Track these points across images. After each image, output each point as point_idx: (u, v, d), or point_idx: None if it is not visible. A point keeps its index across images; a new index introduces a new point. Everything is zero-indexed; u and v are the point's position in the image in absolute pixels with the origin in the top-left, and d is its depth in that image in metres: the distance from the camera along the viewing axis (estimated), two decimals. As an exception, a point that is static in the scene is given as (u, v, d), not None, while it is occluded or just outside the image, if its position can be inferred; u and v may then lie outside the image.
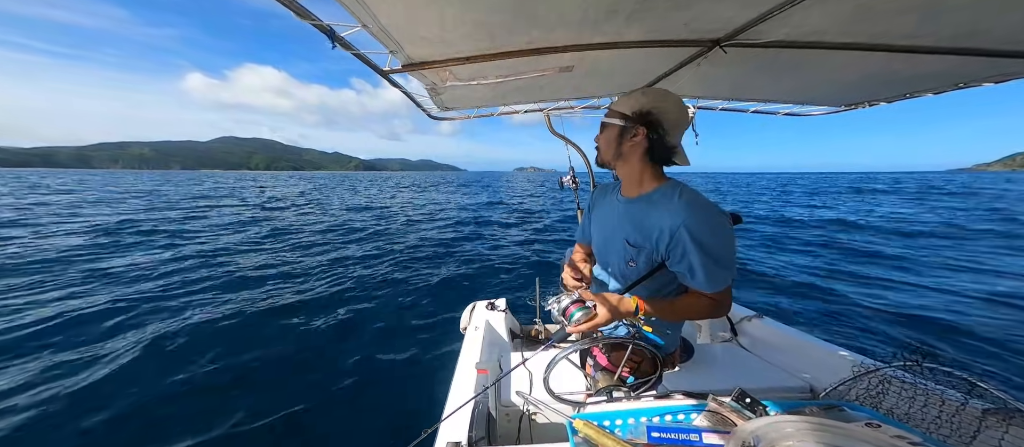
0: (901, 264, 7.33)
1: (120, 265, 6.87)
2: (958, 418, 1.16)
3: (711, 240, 0.97)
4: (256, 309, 4.81)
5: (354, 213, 16.65)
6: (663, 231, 1.00)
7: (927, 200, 22.45)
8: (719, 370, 1.78)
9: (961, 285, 5.90)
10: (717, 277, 0.97)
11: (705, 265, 0.96)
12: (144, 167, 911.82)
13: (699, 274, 0.97)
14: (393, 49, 1.26)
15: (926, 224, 12.44)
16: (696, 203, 1.01)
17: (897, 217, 14.39)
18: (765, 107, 2.21)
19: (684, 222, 0.97)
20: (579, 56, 1.44)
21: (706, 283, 0.98)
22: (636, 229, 1.08)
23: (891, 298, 5.39)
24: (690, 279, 1.01)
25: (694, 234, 0.96)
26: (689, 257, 0.97)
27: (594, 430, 0.83)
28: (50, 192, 27.61)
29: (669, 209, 1.01)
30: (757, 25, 1.17)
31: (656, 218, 1.03)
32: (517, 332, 2.60)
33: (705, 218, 0.98)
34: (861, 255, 8.18)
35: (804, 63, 1.53)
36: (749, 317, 2.22)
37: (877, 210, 16.97)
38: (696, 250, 0.96)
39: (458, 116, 2.22)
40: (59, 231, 10.31)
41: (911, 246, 9.06)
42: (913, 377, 1.30)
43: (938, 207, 18.17)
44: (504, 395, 1.57)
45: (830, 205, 19.83)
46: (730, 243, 1.00)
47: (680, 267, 1.01)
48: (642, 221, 1.07)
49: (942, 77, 1.59)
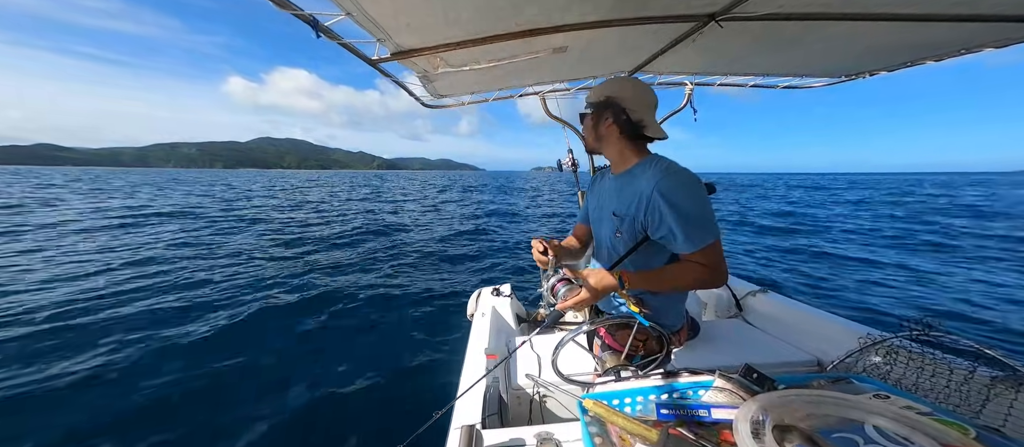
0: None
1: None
2: (967, 387, 1.15)
3: (683, 199, 1.01)
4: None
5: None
6: (641, 197, 1.07)
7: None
8: (726, 346, 1.77)
9: None
10: (695, 235, 1.00)
11: (681, 224, 1.00)
12: (192, 166, 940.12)
13: (679, 234, 1.01)
14: (381, 38, 1.22)
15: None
16: (669, 169, 1.07)
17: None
18: (764, 81, 2.17)
19: (656, 185, 1.03)
20: (572, 36, 1.41)
21: (686, 243, 1.01)
22: (619, 200, 1.15)
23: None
24: (673, 243, 1.04)
25: (666, 195, 1.01)
26: (666, 219, 1.02)
27: (604, 409, 0.83)
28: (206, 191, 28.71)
29: (645, 178, 1.09)
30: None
31: (635, 187, 1.10)
32: (523, 317, 2.61)
33: (676, 180, 1.04)
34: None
35: (803, 35, 1.50)
36: (754, 292, 2.22)
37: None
38: (670, 210, 1.01)
39: (453, 103, 2.19)
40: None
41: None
42: (921, 347, 1.29)
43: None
44: (514, 378, 1.58)
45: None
46: (703, 201, 1.04)
47: (661, 232, 1.05)
48: (625, 194, 1.14)
49: (944, 44, 1.56)
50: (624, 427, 0.78)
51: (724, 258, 1.04)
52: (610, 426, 0.79)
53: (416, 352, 3.67)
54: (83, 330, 4.02)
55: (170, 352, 3.59)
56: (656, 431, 0.75)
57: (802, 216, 15.03)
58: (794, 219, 14.14)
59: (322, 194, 27.71)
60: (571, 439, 0.89)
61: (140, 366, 3.36)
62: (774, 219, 14.08)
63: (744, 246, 9.10)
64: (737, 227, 12.17)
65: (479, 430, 0.89)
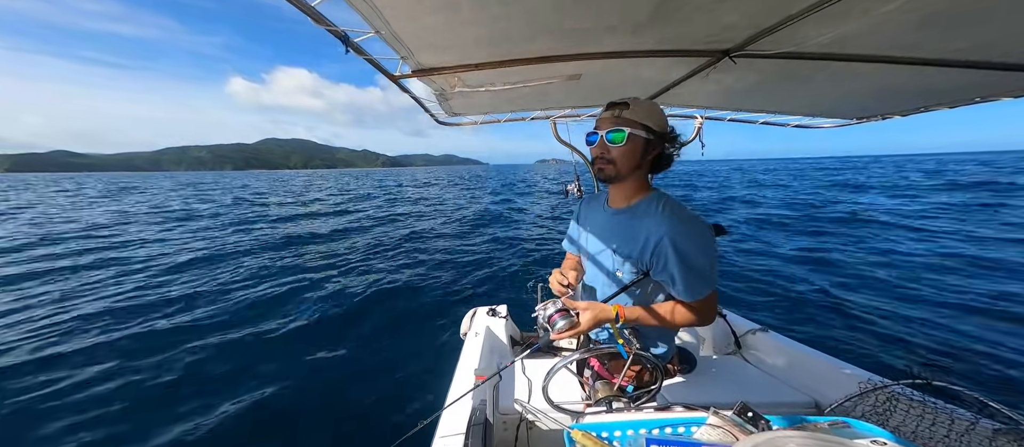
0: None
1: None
2: (968, 438, 1.13)
3: (692, 250, 1.01)
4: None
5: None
6: (648, 241, 1.05)
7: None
8: (722, 383, 1.75)
9: None
10: (695, 287, 1.01)
11: (685, 275, 1.01)
12: (202, 168, 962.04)
13: (679, 283, 1.02)
14: (404, 55, 1.27)
15: None
16: (679, 215, 1.05)
17: None
18: (774, 118, 2.20)
19: (667, 232, 1.02)
20: (587, 65, 1.45)
21: (685, 292, 1.02)
22: (622, 240, 1.13)
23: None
24: (672, 287, 1.05)
25: (676, 245, 1.01)
26: (670, 267, 1.02)
27: (592, 441, 0.82)
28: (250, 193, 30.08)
29: (653, 220, 1.07)
30: (768, 36, 1.16)
31: (641, 229, 1.08)
32: (518, 339, 2.59)
33: (687, 229, 1.03)
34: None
35: (815, 75, 1.52)
36: (754, 330, 2.19)
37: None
38: (677, 260, 1.00)
39: (466, 122, 2.24)
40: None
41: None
42: (922, 395, 1.28)
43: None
44: (503, 402, 1.55)
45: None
46: (710, 253, 1.04)
47: (662, 276, 1.06)
48: (628, 232, 1.12)
49: (958, 91, 1.57)
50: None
51: (717, 305, 1.07)
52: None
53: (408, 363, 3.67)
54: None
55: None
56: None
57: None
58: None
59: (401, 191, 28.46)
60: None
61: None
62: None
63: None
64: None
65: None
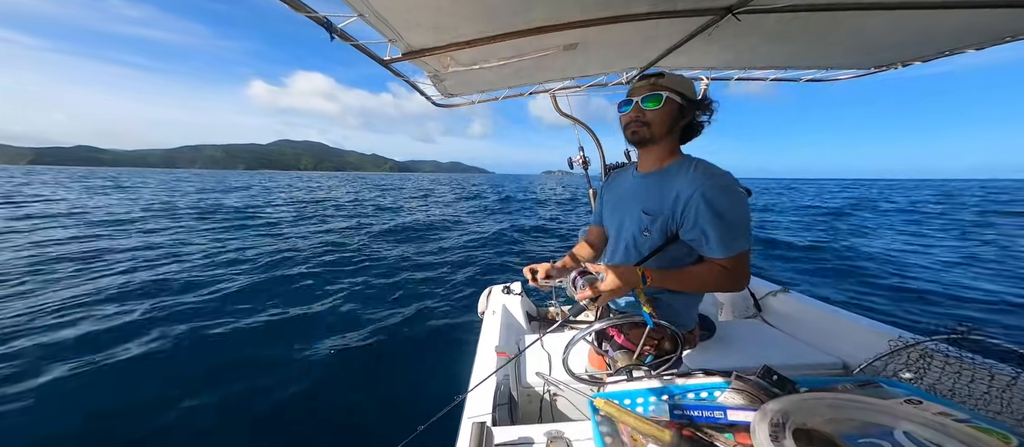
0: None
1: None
2: (1010, 393, 1.08)
3: (726, 205, 1.00)
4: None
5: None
6: (679, 196, 1.04)
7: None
8: (743, 347, 1.71)
9: None
10: (729, 242, 1.00)
11: (718, 229, 0.99)
12: (215, 167, 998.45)
13: (713, 238, 1.00)
14: (392, 38, 1.24)
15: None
16: (711, 171, 1.05)
17: None
18: (785, 74, 2.09)
19: (700, 187, 1.01)
20: (583, 33, 1.39)
21: (719, 247, 1.00)
22: (652, 198, 1.12)
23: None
24: (705, 245, 1.03)
25: (709, 199, 0.99)
26: (702, 222, 1.00)
27: (616, 408, 0.81)
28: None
29: (685, 177, 1.05)
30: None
31: (672, 187, 1.07)
32: (534, 314, 2.60)
33: (720, 184, 1.02)
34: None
35: (826, 26, 1.43)
36: (774, 292, 2.13)
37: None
38: (709, 214, 0.99)
39: (463, 102, 2.20)
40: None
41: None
42: (958, 350, 1.22)
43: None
44: (524, 377, 1.57)
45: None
46: (744, 211, 1.03)
47: (693, 233, 1.03)
48: (658, 191, 1.11)
49: (987, 31, 1.45)
50: (636, 427, 0.76)
51: (749, 268, 1.04)
52: (621, 426, 0.77)
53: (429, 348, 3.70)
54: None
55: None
56: (669, 431, 0.73)
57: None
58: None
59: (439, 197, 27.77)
60: (582, 438, 0.87)
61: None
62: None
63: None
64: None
65: (489, 427, 0.88)
